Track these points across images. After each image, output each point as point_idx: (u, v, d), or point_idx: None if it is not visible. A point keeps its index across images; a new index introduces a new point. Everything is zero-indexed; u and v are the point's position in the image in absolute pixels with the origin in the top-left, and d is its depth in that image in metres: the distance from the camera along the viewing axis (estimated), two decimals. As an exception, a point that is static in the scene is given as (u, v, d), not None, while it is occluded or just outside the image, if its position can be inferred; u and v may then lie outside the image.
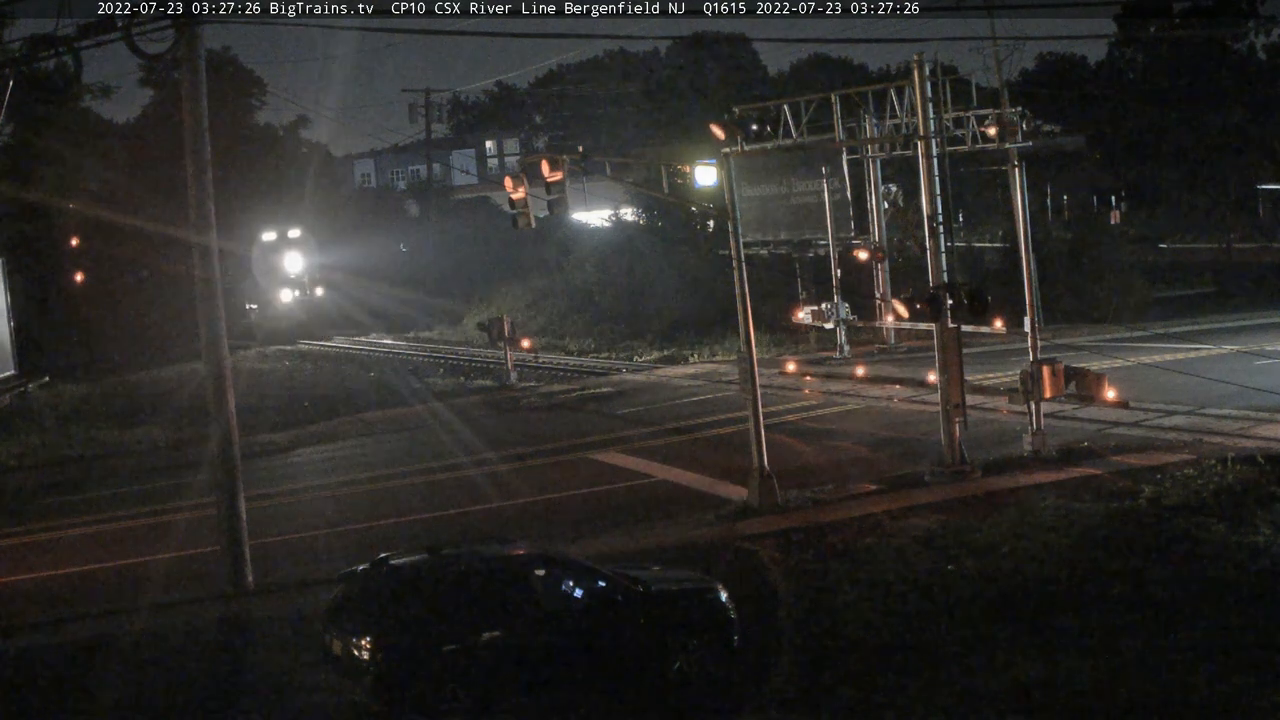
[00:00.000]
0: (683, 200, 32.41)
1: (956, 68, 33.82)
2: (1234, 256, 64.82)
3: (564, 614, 15.53)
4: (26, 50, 22.13)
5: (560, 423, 35.73)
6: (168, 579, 21.84)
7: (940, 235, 26.06)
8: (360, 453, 33.60)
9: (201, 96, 20.59)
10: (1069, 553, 19.54)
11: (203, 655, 17.80)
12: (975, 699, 14.54)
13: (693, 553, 20.78)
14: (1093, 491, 22.99)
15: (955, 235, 29.31)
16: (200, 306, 21.03)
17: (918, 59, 28.46)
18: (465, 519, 24.62)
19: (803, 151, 40.70)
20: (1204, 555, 18.93)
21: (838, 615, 17.76)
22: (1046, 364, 26.28)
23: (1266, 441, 25.46)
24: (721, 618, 16.30)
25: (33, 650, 18.49)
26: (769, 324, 47.45)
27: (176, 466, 32.74)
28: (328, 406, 40.20)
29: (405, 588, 15.17)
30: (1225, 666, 14.85)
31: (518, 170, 30.21)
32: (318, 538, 24.21)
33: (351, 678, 14.76)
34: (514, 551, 16.26)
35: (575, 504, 25.56)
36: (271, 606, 19.71)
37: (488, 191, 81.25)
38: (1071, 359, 28.88)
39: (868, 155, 42.64)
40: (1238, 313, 47.25)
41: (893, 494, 24.14)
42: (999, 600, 17.73)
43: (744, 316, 24.67)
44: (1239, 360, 34.94)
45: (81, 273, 58.72)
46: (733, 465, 26.34)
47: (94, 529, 26.72)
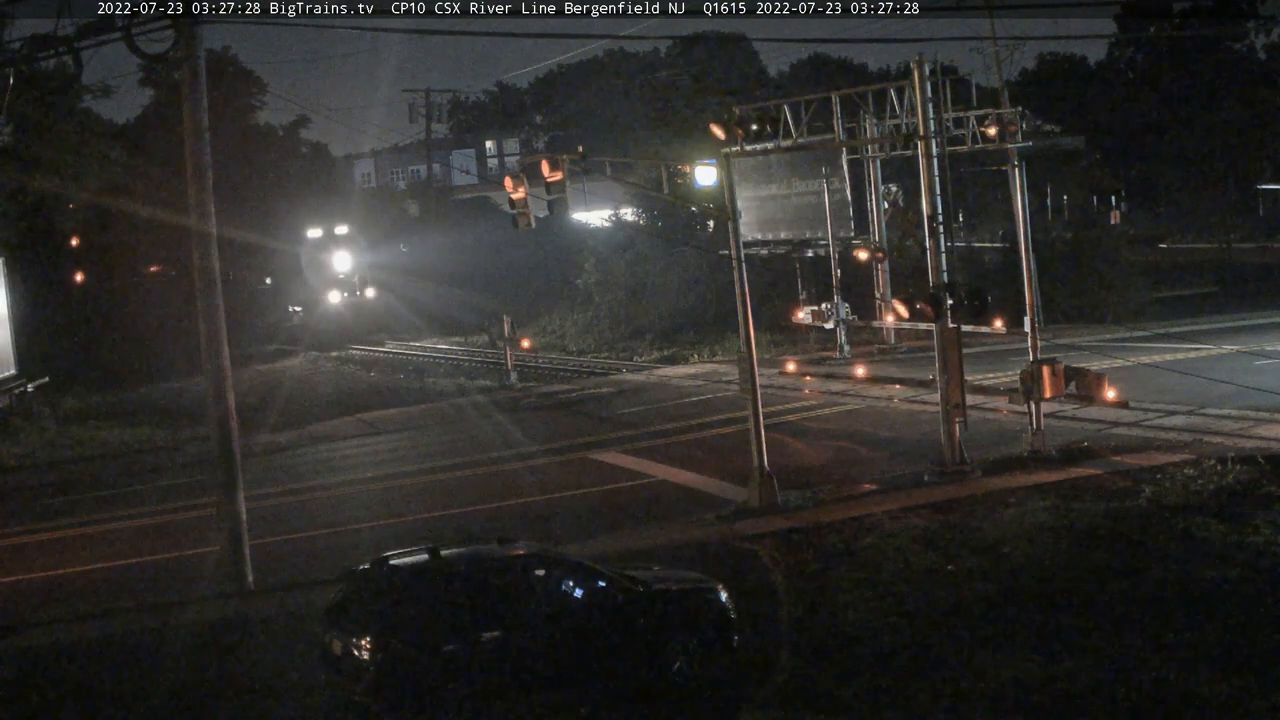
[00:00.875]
0: (683, 200, 32.37)
1: (956, 68, 33.88)
2: (1234, 256, 64.83)
3: (564, 614, 15.53)
4: (26, 50, 22.11)
5: (560, 423, 35.74)
6: (168, 579, 21.84)
7: (940, 235, 26.05)
8: (362, 452, 33.63)
9: (201, 96, 20.61)
10: (1069, 553, 19.55)
11: (203, 655, 17.79)
12: (975, 699, 14.54)
13: (693, 553, 20.79)
14: (1093, 491, 22.99)
15: (955, 235, 29.31)
16: (200, 305, 21.03)
17: (918, 59, 28.45)
18: (465, 519, 24.61)
19: (803, 151, 40.72)
20: (1204, 555, 18.94)
21: (838, 615, 17.77)
22: (1046, 364, 26.27)
23: (1266, 441, 25.46)
24: (721, 618, 16.29)
25: (33, 650, 18.49)
26: (769, 324, 47.46)
27: (176, 466, 32.78)
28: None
29: (405, 588, 15.16)
30: (1225, 666, 14.85)
31: (518, 170, 30.23)
32: (316, 538, 24.23)
33: (351, 678, 14.75)
34: (514, 551, 16.24)
35: (575, 504, 25.55)
36: (271, 606, 19.72)
37: (488, 191, 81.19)
38: (1071, 359, 28.89)
39: (868, 155, 42.65)
40: (1238, 313, 47.23)
41: (893, 494, 24.15)
42: (999, 600, 17.74)
43: (744, 316, 24.68)
44: (1239, 360, 34.93)
45: (82, 273, 58.72)
46: (733, 465, 26.35)
47: (94, 529, 26.73)
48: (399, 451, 33.32)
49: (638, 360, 49.19)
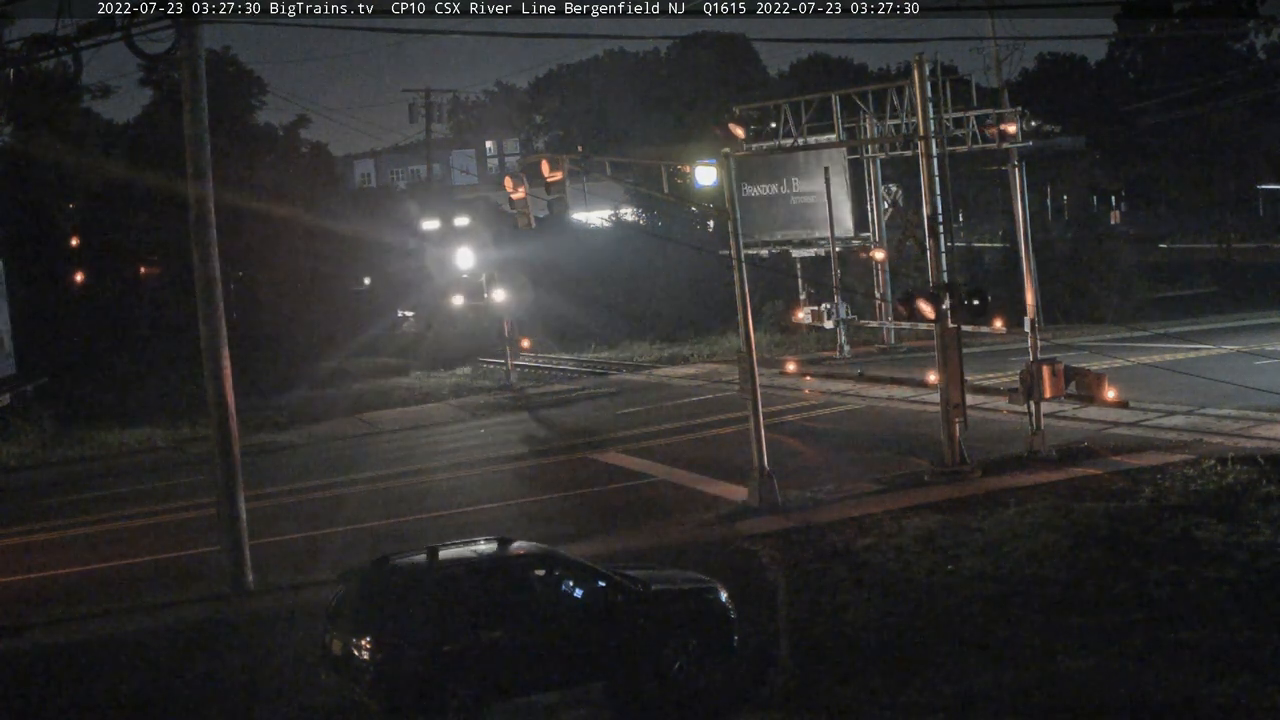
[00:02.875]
0: (683, 200, 32.41)
1: (956, 68, 33.86)
2: (1234, 256, 64.84)
3: (564, 614, 15.51)
4: (26, 50, 22.07)
5: (560, 423, 35.73)
6: (168, 579, 21.84)
7: (940, 235, 26.06)
8: (363, 452, 33.63)
9: (201, 96, 20.61)
10: (1069, 553, 19.53)
11: (202, 655, 17.78)
12: (974, 699, 14.53)
13: (693, 553, 20.78)
14: (1093, 491, 22.97)
15: (955, 235, 29.30)
16: (200, 306, 21.00)
17: (918, 59, 28.46)
18: (465, 519, 24.60)
19: (803, 151, 40.74)
20: (1204, 555, 18.93)
21: (838, 615, 17.75)
22: (1046, 364, 26.26)
23: (1266, 441, 25.45)
24: (721, 618, 16.28)
25: (33, 650, 18.48)
26: (769, 324, 47.46)
27: (177, 466, 32.78)
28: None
29: (405, 588, 15.16)
30: (1225, 666, 14.84)
31: (518, 170, 30.24)
32: (316, 538, 24.23)
33: (351, 678, 14.75)
34: (514, 551, 16.23)
35: (575, 504, 25.55)
36: (271, 606, 19.71)
37: (488, 192, 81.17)
38: (1071, 359, 28.89)
39: (867, 155, 42.65)
40: (1238, 313, 47.24)
41: (893, 494, 24.14)
42: (999, 600, 17.73)
43: (744, 316, 24.66)
44: (1239, 360, 34.93)
45: (82, 273, 58.66)
46: (733, 465, 26.33)
47: (94, 529, 26.72)
48: (398, 454, 33.31)
49: (638, 360, 49.17)
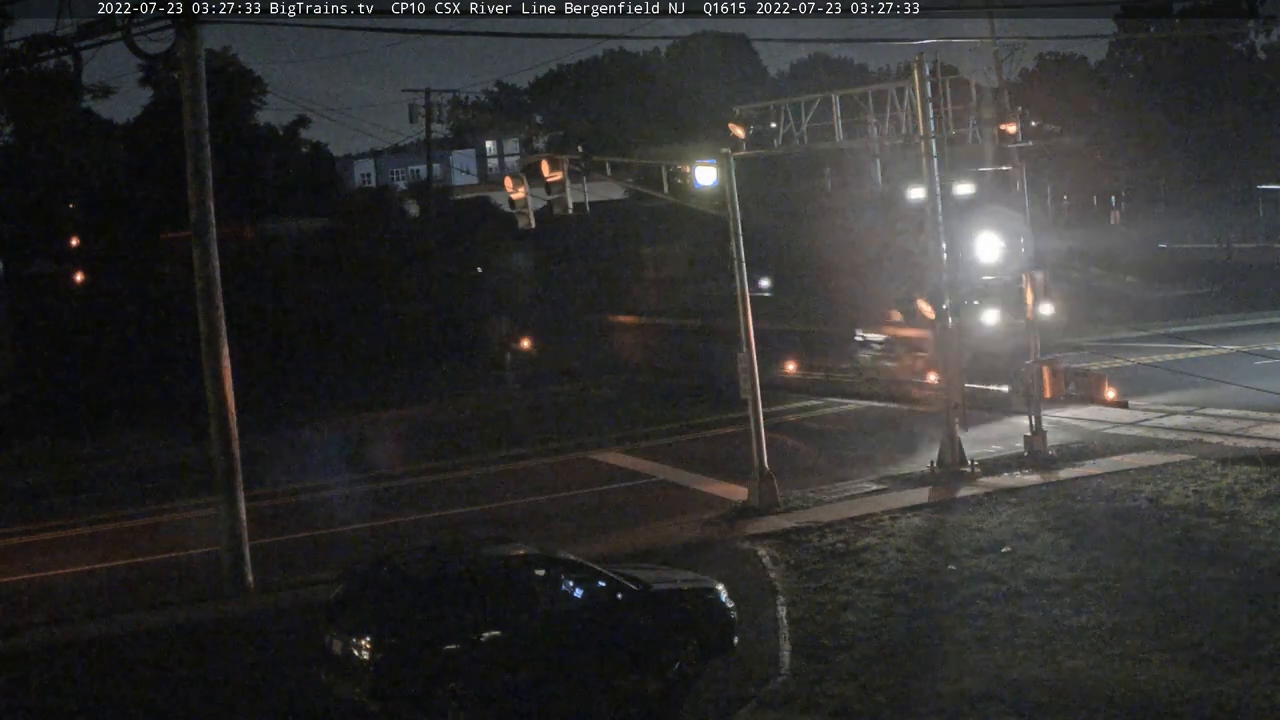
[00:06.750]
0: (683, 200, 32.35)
1: (956, 68, 33.75)
2: (1234, 256, 64.81)
3: (564, 614, 15.51)
4: (26, 50, 22.11)
5: (560, 422, 35.71)
6: (168, 579, 21.83)
7: (940, 235, 26.04)
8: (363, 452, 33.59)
9: (201, 96, 20.59)
10: (1069, 553, 19.55)
11: (202, 655, 17.79)
12: (975, 699, 14.53)
13: (693, 553, 20.80)
14: (1093, 491, 22.99)
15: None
16: (200, 306, 20.99)
17: (917, 59, 28.44)
18: (465, 519, 24.61)
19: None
20: (1204, 555, 18.94)
21: (838, 615, 17.76)
22: (1046, 364, 26.27)
23: (1266, 441, 25.47)
24: (721, 618, 16.29)
25: (33, 650, 18.48)
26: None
27: (176, 466, 32.73)
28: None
29: (405, 587, 15.16)
30: (1225, 666, 14.85)
31: (518, 170, 30.23)
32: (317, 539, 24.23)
33: (351, 678, 14.75)
34: (514, 551, 16.24)
35: (575, 504, 25.55)
36: (271, 606, 19.71)
37: (488, 191, 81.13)
38: (1071, 359, 28.87)
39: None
40: (1238, 313, 47.23)
41: (893, 494, 24.15)
42: (999, 600, 17.73)
43: (744, 316, 24.67)
44: (1239, 360, 34.93)
45: (82, 273, 58.65)
46: (733, 465, 26.33)
47: (94, 529, 26.71)
48: (397, 455, 33.26)
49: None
